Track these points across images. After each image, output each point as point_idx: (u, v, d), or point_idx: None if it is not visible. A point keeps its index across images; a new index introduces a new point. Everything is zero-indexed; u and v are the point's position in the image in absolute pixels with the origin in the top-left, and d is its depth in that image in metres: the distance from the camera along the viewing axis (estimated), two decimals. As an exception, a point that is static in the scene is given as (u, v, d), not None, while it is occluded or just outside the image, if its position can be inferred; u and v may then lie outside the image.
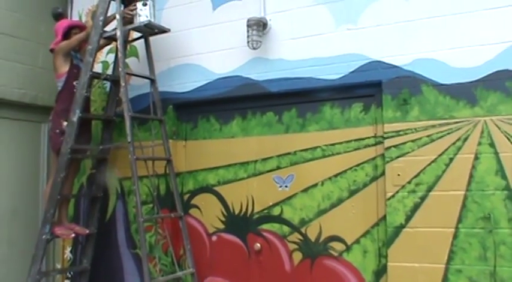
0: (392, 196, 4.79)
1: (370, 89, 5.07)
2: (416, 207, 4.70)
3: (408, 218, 4.72)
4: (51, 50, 5.94)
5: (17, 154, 6.54)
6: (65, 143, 5.68)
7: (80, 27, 6.05)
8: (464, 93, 4.60)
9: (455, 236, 4.54)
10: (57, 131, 5.81)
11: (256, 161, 5.69)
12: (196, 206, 6.06)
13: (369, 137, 5.13)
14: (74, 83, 5.86)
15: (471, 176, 4.52)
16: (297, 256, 5.39)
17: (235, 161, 5.82)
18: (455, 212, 4.55)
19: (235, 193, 5.80)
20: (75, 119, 5.66)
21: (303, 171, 5.42)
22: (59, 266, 6.87)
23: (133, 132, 5.45)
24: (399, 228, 4.75)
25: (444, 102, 4.67)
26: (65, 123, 5.79)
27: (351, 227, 5.14)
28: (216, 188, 5.93)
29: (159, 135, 5.82)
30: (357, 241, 5.11)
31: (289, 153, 5.50)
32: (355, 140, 5.18)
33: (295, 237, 5.41)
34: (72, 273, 6.68)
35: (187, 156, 6.16)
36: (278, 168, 5.56)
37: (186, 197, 6.13)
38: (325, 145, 5.31)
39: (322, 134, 5.35)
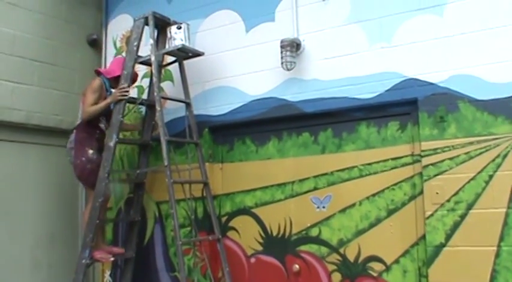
0: (432, 215, 4.73)
1: (406, 107, 5.04)
2: (456, 225, 4.63)
3: (448, 237, 4.65)
4: (97, 73, 6.06)
5: (56, 179, 6.61)
6: (102, 168, 5.73)
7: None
8: (502, 108, 4.54)
9: (497, 255, 4.45)
10: (83, 158, 5.85)
11: (293, 182, 5.68)
12: (234, 228, 6.06)
13: (406, 156, 5.08)
14: (100, 118, 5.99)
15: (512, 192, 4.45)
16: (336, 277, 5.34)
17: (272, 183, 5.81)
18: (497, 229, 4.46)
19: (272, 214, 5.78)
20: (112, 143, 5.73)
21: (340, 192, 5.39)
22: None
23: (170, 156, 5.48)
24: (439, 248, 4.68)
25: (482, 119, 4.61)
26: (90, 151, 5.87)
27: (390, 247, 5.08)
28: (253, 210, 5.92)
29: (195, 158, 5.85)
30: (397, 261, 5.04)
31: (326, 174, 5.48)
32: (392, 158, 5.14)
33: (334, 257, 5.37)
34: (112, 296, 6.72)
35: (224, 178, 6.17)
36: (315, 188, 5.54)
37: (223, 219, 6.13)
38: (362, 165, 5.28)
39: (358, 153, 5.32)
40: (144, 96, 6.44)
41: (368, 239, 5.21)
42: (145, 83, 6.60)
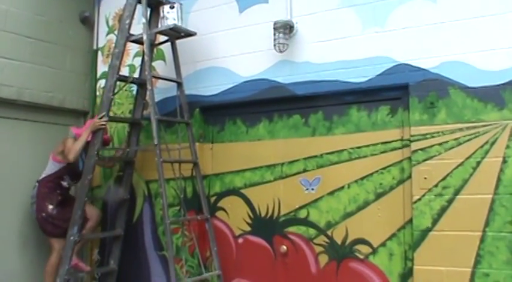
0: (419, 199, 4.77)
1: (397, 91, 5.06)
2: (443, 210, 4.67)
3: (435, 221, 4.69)
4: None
5: (46, 155, 6.59)
6: (91, 146, 5.75)
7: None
8: (492, 96, 4.57)
9: (482, 240, 4.51)
10: (43, 214, 6.05)
11: (282, 164, 5.70)
12: (223, 209, 6.09)
13: (395, 140, 5.11)
14: (64, 176, 6.16)
15: (499, 179, 4.48)
16: (323, 258, 5.40)
17: (261, 164, 5.84)
18: (483, 215, 4.51)
19: (261, 196, 5.82)
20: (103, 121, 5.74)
21: (329, 174, 5.42)
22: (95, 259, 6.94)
23: (160, 135, 5.49)
24: (426, 232, 4.73)
25: (472, 105, 4.64)
26: (50, 207, 6.05)
27: (377, 230, 5.13)
28: (242, 191, 5.95)
29: (185, 138, 5.86)
30: (383, 244, 5.10)
31: (315, 156, 5.51)
32: (382, 143, 5.17)
33: (321, 239, 5.42)
34: (99, 274, 6.74)
35: (214, 159, 6.19)
36: (305, 171, 5.57)
37: (212, 199, 6.16)
38: (352, 148, 5.31)
39: (348, 136, 5.35)
40: (136, 75, 6.43)
41: (356, 222, 5.25)
42: (137, 62, 6.60)
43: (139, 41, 5.99)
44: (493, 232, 4.48)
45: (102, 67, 7.12)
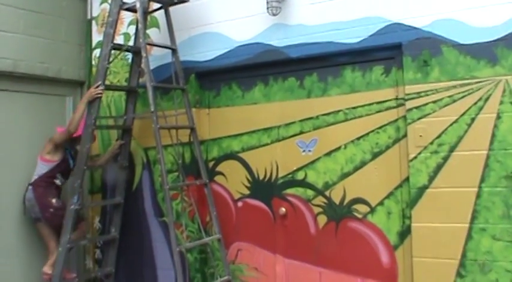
0: (415, 157, 4.81)
1: (391, 51, 5.06)
2: (439, 167, 4.71)
3: (431, 179, 4.74)
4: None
5: (43, 127, 6.61)
6: (88, 115, 5.77)
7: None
8: (485, 52, 4.56)
9: (478, 195, 4.55)
10: (51, 210, 6.05)
11: (279, 127, 5.73)
12: (221, 173, 6.14)
13: (390, 99, 5.13)
14: (56, 175, 6.16)
15: (493, 135, 4.50)
16: (322, 219, 5.45)
17: (258, 127, 5.87)
18: (478, 171, 4.55)
19: (259, 159, 5.86)
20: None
21: (325, 135, 5.45)
22: (88, 236, 7.00)
23: (156, 102, 5.51)
24: (422, 189, 4.77)
25: (465, 62, 4.65)
26: (54, 200, 6.07)
27: (375, 189, 5.18)
28: (240, 155, 5.99)
29: (182, 104, 5.88)
30: (381, 203, 5.15)
31: (311, 118, 5.53)
32: (377, 102, 5.19)
33: (320, 200, 5.47)
34: (101, 242, 6.82)
35: (211, 123, 6.22)
36: (301, 132, 5.60)
37: (210, 164, 6.20)
38: (347, 108, 5.33)
39: (343, 97, 5.37)
40: (131, 43, 6.43)
41: (353, 182, 5.30)
42: (131, 30, 6.59)
43: (133, 9, 5.98)
44: (488, 187, 4.52)
45: (96, 37, 7.10)
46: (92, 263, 7.01)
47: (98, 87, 5.75)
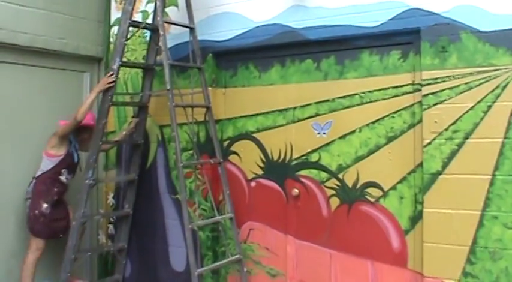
0: (430, 143, 4.80)
1: (409, 36, 5.04)
2: (453, 154, 4.71)
3: (445, 165, 4.74)
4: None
5: (60, 103, 6.66)
6: (105, 91, 5.80)
7: (91, 129, 6.09)
8: (504, 40, 4.53)
9: (491, 183, 4.55)
10: (36, 212, 5.91)
11: (294, 108, 5.74)
12: (236, 153, 6.17)
13: (407, 84, 5.12)
14: (62, 170, 6.06)
15: (509, 123, 4.48)
16: (334, 201, 5.48)
17: (274, 108, 5.88)
18: (493, 159, 4.54)
19: (274, 140, 5.88)
20: (115, 66, 5.79)
21: (341, 118, 5.46)
22: (102, 211, 7.07)
23: (173, 80, 5.53)
24: (436, 175, 4.77)
25: (483, 50, 4.62)
26: (44, 205, 5.92)
27: (388, 173, 5.19)
28: (255, 135, 6.01)
29: (198, 83, 5.88)
30: (394, 187, 5.16)
31: (327, 100, 5.53)
32: (393, 87, 5.18)
33: (333, 183, 5.49)
34: (115, 217, 6.88)
35: (227, 103, 6.24)
36: (316, 115, 5.60)
37: (225, 143, 6.23)
38: (363, 92, 5.33)
39: (360, 81, 5.36)
40: (149, 21, 6.43)
41: (366, 165, 5.31)
42: (150, 8, 6.58)
43: (152, -13, 5.99)
44: (502, 175, 4.52)
45: (115, 13, 7.09)
46: (104, 238, 7.08)
47: (111, 75, 5.76)
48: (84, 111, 5.78)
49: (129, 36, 5.98)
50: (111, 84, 5.76)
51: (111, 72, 5.78)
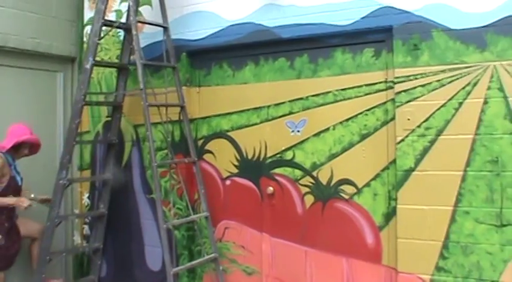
0: (402, 140, 4.85)
1: (381, 34, 5.09)
2: (425, 150, 4.76)
3: (418, 162, 4.79)
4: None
5: (33, 103, 6.62)
6: (78, 90, 5.80)
7: (30, 143, 5.85)
8: (475, 38, 4.60)
9: (463, 179, 4.61)
10: None
11: (268, 107, 5.76)
12: (210, 151, 6.17)
13: (379, 82, 5.16)
14: (9, 196, 5.66)
15: (480, 120, 4.55)
16: (309, 199, 5.51)
17: (248, 107, 5.89)
18: (464, 155, 4.61)
19: (248, 138, 5.89)
20: (88, 66, 5.78)
21: (314, 116, 5.49)
22: (76, 211, 7.04)
23: (147, 80, 5.53)
24: (409, 172, 4.82)
25: (454, 47, 4.68)
26: None
27: (362, 171, 5.23)
28: (229, 133, 6.02)
29: (172, 82, 5.88)
30: (368, 184, 5.21)
31: (301, 99, 5.56)
32: (366, 85, 5.22)
33: (307, 180, 5.52)
34: (90, 217, 6.86)
35: (201, 102, 6.24)
36: (290, 113, 5.63)
37: (200, 142, 6.23)
38: (337, 90, 5.36)
39: (333, 79, 5.40)
40: (123, 20, 6.41)
41: (340, 163, 5.34)
42: (124, 7, 6.55)
43: (125, -14, 5.97)
44: (473, 171, 4.59)
45: (88, 13, 7.04)
46: (80, 239, 7.05)
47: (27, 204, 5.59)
48: None
49: (102, 35, 5.95)
50: (22, 208, 5.58)
51: (29, 203, 5.60)
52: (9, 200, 5.58)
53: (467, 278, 4.60)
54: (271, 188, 5.72)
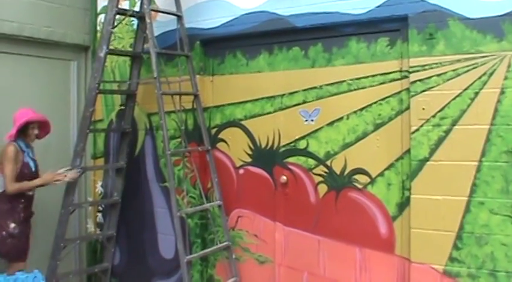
0: (417, 130, 4.83)
1: (396, 23, 5.04)
2: (440, 140, 4.73)
3: (432, 152, 4.76)
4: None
5: (47, 91, 6.64)
6: (92, 79, 5.82)
7: (39, 122, 5.68)
8: (492, 27, 4.55)
9: (478, 169, 4.58)
10: (4, 233, 5.41)
11: (282, 95, 5.75)
12: (224, 140, 6.17)
13: (394, 72, 5.13)
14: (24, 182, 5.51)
15: (496, 110, 4.51)
16: (322, 188, 5.50)
17: (261, 96, 5.88)
18: (479, 145, 4.57)
19: (262, 127, 5.89)
20: (102, 54, 5.79)
21: (328, 105, 5.47)
22: (90, 199, 7.06)
23: (160, 68, 5.53)
24: (423, 162, 4.80)
25: (471, 37, 4.63)
26: (12, 225, 5.43)
27: (376, 160, 5.21)
28: (243, 122, 6.02)
29: (186, 71, 5.88)
30: (381, 174, 5.19)
31: (315, 88, 5.54)
32: (381, 74, 5.19)
33: (321, 170, 5.51)
34: (103, 205, 6.89)
35: (215, 91, 6.23)
36: (304, 102, 5.61)
37: (213, 131, 6.23)
38: (351, 79, 5.34)
39: (348, 68, 5.37)
40: (137, 8, 6.40)
41: (354, 152, 5.33)
42: (137, -5, 6.57)
43: (138, -25, 5.97)
44: (489, 162, 4.55)
45: (102, 2, 7.03)
46: (93, 227, 7.09)
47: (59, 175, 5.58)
48: (18, 190, 5.42)
49: (115, 24, 5.96)
50: (58, 183, 5.56)
51: (64, 173, 5.62)
52: (38, 181, 5.51)
53: (481, 269, 4.57)
54: (284, 177, 5.71)
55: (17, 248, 5.49)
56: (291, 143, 5.70)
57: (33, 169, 5.64)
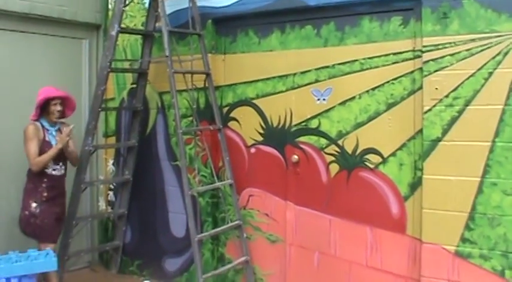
0: (430, 110, 4.80)
1: (410, 2, 5.00)
2: (453, 120, 4.70)
3: (445, 132, 4.74)
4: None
5: (59, 70, 6.64)
6: (104, 57, 5.83)
7: (62, 98, 5.55)
8: (507, 6, 4.49)
9: (491, 150, 4.55)
10: (26, 212, 5.38)
11: (294, 74, 5.72)
12: (235, 119, 6.16)
13: (407, 51, 5.09)
14: (48, 164, 5.43)
15: (510, 90, 4.47)
16: (334, 168, 5.49)
17: (273, 74, 5.86)
18: (493, 126, 4.54)
19: (273, 106, 5.87)
20: (113, 33, 5.79)
21: (340, 85, 5.44)
22: (102, 178, 7.09)
23: (172, 47, 5.51)
24: (435, 142, 4.78)
25: (485, 16, 4.58)
26: (33, 205, 5.37)
27: (388, 140, 5.19)
28: (254, 101, 6.00)
29: (198, 49, 5.87)
30: (393, 154, 5.17)
31: (327, 67, 5.51)
32: (394, 53, 5.15)
33: (332, 149, 5.50)
34: (115, 184, 6.91)
35: (226, 69, 6.22)
36: (316, 81, 5.59)
37: (225, 110, 6.22)
38: (364, 58, 5.30)
39: (360, 47, 5.33)
40: (149, -13, 6.39)
41: (366, 132, 5.31)
42: (149, -26, 6.54)
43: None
44: (502, 142, 4.52)
45: (114, -21, 7.05)
46: (104, 205, 7.11)
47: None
48: (40, 164, 5.34)
49: (127, 2, 5.95)
50: (68, 138, 5.43)
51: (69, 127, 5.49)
52: (53, 150, 5.37)
53: (493, 250, 4.56)
54: (296, 156, 5.70)
55: (40, 228, 5.39)
56: (302, 122, 5.68)
57: None
